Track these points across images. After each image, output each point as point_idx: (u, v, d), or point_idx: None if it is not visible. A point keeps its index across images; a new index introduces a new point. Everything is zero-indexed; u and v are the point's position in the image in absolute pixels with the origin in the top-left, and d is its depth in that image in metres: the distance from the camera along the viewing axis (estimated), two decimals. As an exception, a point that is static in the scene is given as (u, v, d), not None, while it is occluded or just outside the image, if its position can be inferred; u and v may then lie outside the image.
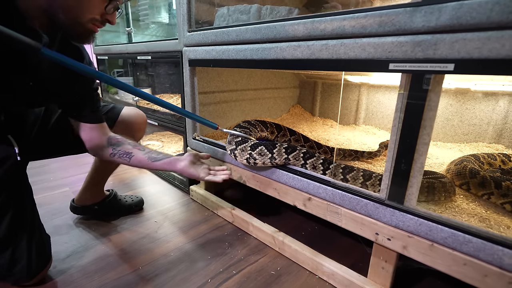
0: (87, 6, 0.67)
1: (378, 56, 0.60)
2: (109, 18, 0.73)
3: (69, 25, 0.68)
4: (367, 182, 0.79)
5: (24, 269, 0.74)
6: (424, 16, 0.53)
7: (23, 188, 0.78)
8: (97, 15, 0.70)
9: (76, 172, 1.62)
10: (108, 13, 0.71)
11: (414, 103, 0.58)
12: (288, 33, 0.76)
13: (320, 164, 0.85)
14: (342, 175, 0.82)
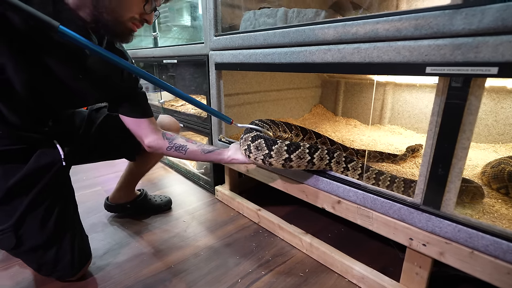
0: (127, 5, 0.71)
1: (414, 60, 0.59)
2: (147, 18, 0.76)
3: (112, 24, 0.72)
4: (393, 185, 0.78)
5: (67, 265, 0.79)
6: (465, 18, 0.51)
7: (66, 191, 0.84)
8: (136, 14, 0.74)
9: (106, 172, 1.70)
10: (146, 12, 0.75)
11: (453, 107, 0.56)
12: (317, 37, 0.76)
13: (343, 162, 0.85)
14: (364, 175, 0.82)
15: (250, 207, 1.18)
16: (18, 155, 0.76)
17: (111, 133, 0.97)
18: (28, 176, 0.74)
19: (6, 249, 0.74)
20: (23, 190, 0.73)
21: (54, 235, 0.77)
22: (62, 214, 0.79)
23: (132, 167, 1.16)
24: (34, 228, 0.73)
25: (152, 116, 0.92)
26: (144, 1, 0.73)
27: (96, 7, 0.69)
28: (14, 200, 0.72)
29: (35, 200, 0.74)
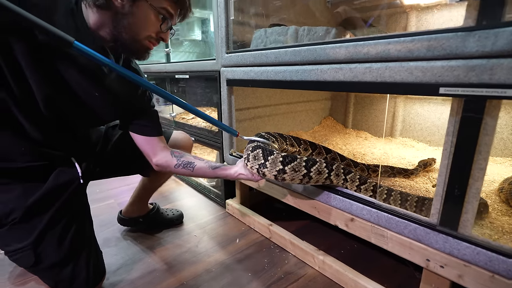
0: (145, 25, 0.75)
1: (427, 80, 0.59)
2: (163, 36, 0.80)
3: (130, 43, 0.76)
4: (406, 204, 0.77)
5: (83, 283, 0.80)
6: (478, 41, 0.52)
7: (83, 208, 0.86)
8: (152, 33, 0.77)
9: (119, 184, 1.73)
10: (162, 31, 0.78)
11: (468, 128, 0.56)
12: (329, 56, 0.77)
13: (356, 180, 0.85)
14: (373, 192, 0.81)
15: (262, 222, 1.18)
16: (38, 173, 0.78)
17: (127, 150, 0.99)
18: (47, 195, 0.76)
19: (25, 266, 0.76)
20: (42, 208, 0.75)
21: (71, 252, 0.78)
22: (78, 231, 0.81)
23: (145, 182, 1.18)
24: (52, 246, 0.75)
25: (162, 134, 0.94)
26: (161, 20, 0.76)
27: (116, 27, 0.73)
28: (33, 219, 0.74)
29: (53, 218, 0.76)
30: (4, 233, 0.73)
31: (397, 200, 0.79)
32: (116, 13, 0.72)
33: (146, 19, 0.75)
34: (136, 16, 0.73)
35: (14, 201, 0.73)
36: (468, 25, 0.53)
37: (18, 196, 0.74)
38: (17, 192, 0.74)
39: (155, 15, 0.75)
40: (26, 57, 0.67)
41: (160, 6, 0.74)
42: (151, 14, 0.74)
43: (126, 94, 0.85)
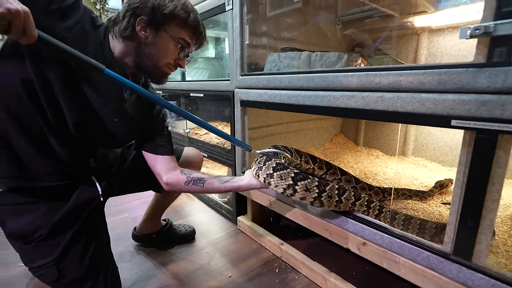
0: (165, 53, 0.82)
1: (438, 112, 0.61)
2: (180, 63, 0.86)
3: (151, 69, 0.83)
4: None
5: None
6: (489, 77, 0.53)
7: (102, 225, 0.89)
8: (171, 60, 0.84)
9: (133, 198, 1.77)
10: (180, 59, 0.85)
11: (481, 160, 0.57)
12: (341, 84, 0.80)
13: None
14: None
15: (273, 240, 1.18)
16: (62, 191, 0.83)
17: (141, 169, 1.02)
18: (70, 212, 0.80)
19: (48, 282, 0.79)
20: (66, 225, 0.79)
21: (91, 268, 0.81)
22: (97, 247, 0.84)
23: (158, 198, 1.21)
24: (74, 262, 0.78)
25: (173, 154, 0.97)
26: (179, 49, 0.83)
27: (139, 55, 0.80)
28: (58, 236, 0.78)
29: (76, 234, 0.80)
30: (29, 250, 0.77)
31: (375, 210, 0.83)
32: (139, 43, 0.79)
33: (166, 48, 0.81)
34: (157, 46, 0.80)
35: (40, 219, 0.77)
36: (478, 61, 0.55)
37: (44, 214, 0.77)
38: (42, 211, 0.78)
39: (174, 45, 0.81)
40: (59, 83, 0.72)
41: (179, 36, 0.81)
42: (170, 44, 0.81)
43: (143, 117, 0.91)
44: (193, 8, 0.82)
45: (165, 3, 0.76)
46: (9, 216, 0.76)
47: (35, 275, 0.78)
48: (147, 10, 0.76)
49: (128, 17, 0.76)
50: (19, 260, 1.13)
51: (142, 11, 0.76)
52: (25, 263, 0.79)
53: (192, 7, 0.82)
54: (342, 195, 0.83)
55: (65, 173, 0.82)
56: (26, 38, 0.55)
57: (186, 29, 0.82)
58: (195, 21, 0.82)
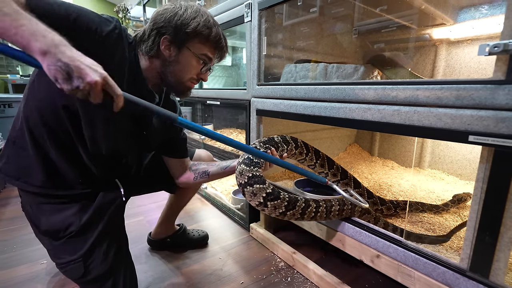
0: (188, 69, 0.84)
1: (456, 127, 0.61)
2: (202, 77, 0.89)
3: (175, 85, 0.86)
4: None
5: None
6: (508, 94, 0.53)
7: (122, 225, 0.93)
8: (194, 75, 0.87)
9: (148, 202, 1.82)
10: (202, 73, 0.88)
11: (499, 176, 0.57)
12: (357, 96, 0.81)
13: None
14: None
15: (285, 249, 1.19)
16: (91, 194, 0.88)
17: (157, 171, 1.09)
18: (97, 211, 0.85)
19: (74, 277, 0.83)
20: (93, 223, 0.84)
21: (113, 266, 0.85)
22: (119, 246, 0.89)
23: (172, 200, 1.26)
24: (99, 259, 0.83)
25: (187, 156, 1.08)
26: (202, 65, 0.85)
27: (163, 72, 0.84)
28: (86, 233, 0.83)
29: (102, 232, 0.84)
30: (59, 246, 0.81)
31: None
32: (164, 60, 0.82)
33: (189, 65, 0.84)
34: (181, 63, 0.83)
35: (72, 217, 0.82)
36: (497, 78, 0.55)
37: (75, 213, 0.83)
38: (74, 210, 0.83)
39: (197, 61, 0.84)
40: (103, 120, 0.78)
41: (201, 52, 0.83)
42: (193, 61, 0.83)
43: (166, 129, 0.97)
44: (215, 22, 0.85)
45: (188, 22, 0.79)
46: (44, 215, 0.81)
47: (62, 271, 0.83)
48: (170, 30, 0.79)
49: (153, 37, 0.80)
50: (41, 257, 1.20)
51: (166, 30, 0.79)
52: (54, 259, 0.84)
53: (214, 21, 0.85)
54: (305, 210, 0.86)
55: (94, 182, 0.87)
56: (115, 101, 0.58)
57: (208, 45, 0.84)
58: (217, 36, 0.84)
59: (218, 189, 1.89)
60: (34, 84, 0.76)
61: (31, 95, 0.77)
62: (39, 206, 0.82)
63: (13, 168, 0.81)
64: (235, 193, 1.69)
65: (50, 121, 0.77)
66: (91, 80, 0.53)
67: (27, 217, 0.84)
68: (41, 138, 0.78)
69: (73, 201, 0.83)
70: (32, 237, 1.31)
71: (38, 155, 0.79)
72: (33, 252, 1.25)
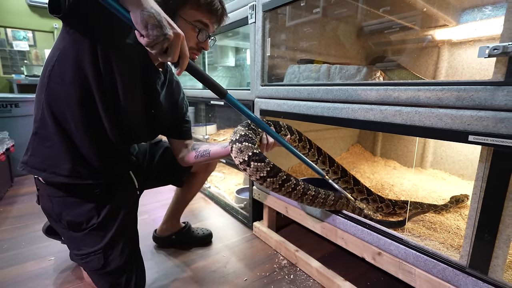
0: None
1: (456, 127, 0.63)
2: (203, 46, 0.86)
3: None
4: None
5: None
6: (507, 95, 0.55)
7: (136, 220, 0.96)
8: (193, 45, 0.84)
9: (153, 200, 1.84)
10: (201, 41, 0.84)
11: (498, 175, 0.58)
12: (360, 97, 0.82)
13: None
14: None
15: (288, 247, 1.21)
16: (110, 188, 0.89)
17: (168, 165, 1.13)
18: (116, 204, 0.88)
19: (94, 268, 0.85)
20: (113, 216, 0.87)
21: (129, 260, 0.88)
22: (134, 240, 0.92)
23: (178, 195, 1.29)
24: (118, 251, 0.86)
25: (191, 138, 1.10)
26: (196, 32, 0.83)
27: None
28: (107, 226, 0.86)
29: (120, 225, 0.87)
30: (80, 238, 0.84)
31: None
32: None
33: (185, 33, 0.78)
34: None
35: (93, 210, 0.85)
36: (497, 79, 0.57)
37: (97, 206, 0.85)
38: (96, 203, 0.86)
39: (192, 29, 0.81)
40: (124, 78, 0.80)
41: (194, 19, 0.81)
42: (188, 29, 0.80)
43: (173, 112, 1.01)
44: None
45: None
46: (68, 207, 0.84)
47: (81, 262, 0.86)
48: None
49: None
50: (49, 254, 1.23)
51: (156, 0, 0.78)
52: (73, 250, 0.87)
53: None
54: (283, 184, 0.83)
55: (114, 170, 0.89)
56: (182, 61, 0.64)
57: (201, 10, 0.81)
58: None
59: (222, 188, 1.91)
60: (55, 70, 0.75)
61: (52, 81, 0.76)
62: (62, 199, 0.84)
63: (39, 159, 0.80)
64: (239, 192, 1.71)
65: (76, 99, 0.76)
66: (177, 32, 0.59)
67: (44, 209, 0.87)
68: (66, 122, 0.78)
69: (94, 196, 0.86)
70: (39, 235, 1.35)
71: (63, 141, 0.78)
72: (41, 249, 1.28)
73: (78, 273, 1.11)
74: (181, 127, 1.07)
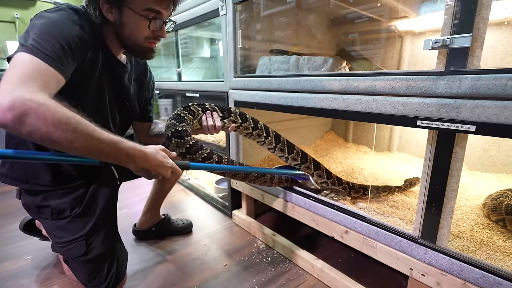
0: (138, 29, 0.81)
1: (407, 113, 0.69)
2: (159, 34, 0.84)
3: (133, 48, 0.85)
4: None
5: (113, 278, 0.91)
6: (447, 84, 0.62)
7: (115, 210, 0.98)
8: (149, 34, 0.82)
9: (131, 195, 1.84)
10: (155, 30, 0.83)
11: (442, 155, 0.66)
12: (325, 87, 0.87)
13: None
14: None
15: (266, 232, 1.27)
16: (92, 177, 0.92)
17: None
18: (97, 192, 0.90)
19: (75, 255, 0.87)
20: (94, 204, 0.89)
21: (110, 248, 0.91)
22: (114, 229, 0.95)
23: (156, 186, 1.31)
24: (99, 239, 0.88)
25: (153, 121, 1.18)
26: (148, 22, 0.80)
27: (119, 37, 0.83)
28: (89, 213, 0.88)
29: (102, 214, 0.89)
30: (62, 226, 0.86)
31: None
32: (113, 25, 0.81)
33: (136, 24, 0.79)
34: (128, 24, 0.79)
35: (77, 199, 0.87)
36: (439, 69, 0.63)
37: (80, 195, 0.88)
38: (79, 193, 0.88)
39: (143, 19, 0.78)
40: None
41: (143, 8, 0.77)
42: (138, 19, 0.78)
43: (141, 92, 1.07)
44: None
45: None
46: (53, 198, 0.86)
47: (62, 250, 0.87)
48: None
49: (93, 3, 0.76)
50: (25, 254, 1.22)
51: None
52: (55, 239, 0.88)
53: None
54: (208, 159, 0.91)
55: (93, 171, 0.91)
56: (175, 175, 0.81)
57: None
58: None
59: (201, 179, 1.94)
60: None
61: None
62: (47, 194, 0.86)
63: (19, 172, 0.84)
64: (218, 183, 1.75)
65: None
66: (165, 175, 0.76)
67: (25, 204, 0.89)
68: None
69: (77, 188, 0.88)
70: (15, 234, 1.33)
71: None
72: (17, 249, 1.26)
73: (59, 269, 1.11)
74: (146, 110, 1.10)
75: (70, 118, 0.57)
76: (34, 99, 0.54)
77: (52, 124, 0.55)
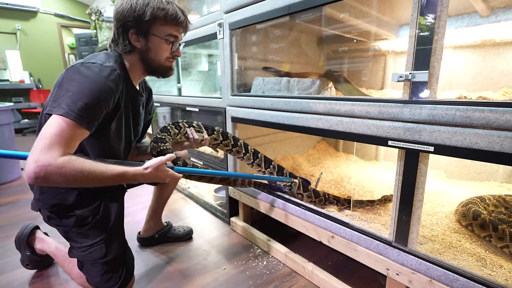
0: (161, 52, 0.97)
1: (380, 134, 0.81)
2: (176, 54, 1.02)
3: (157, 68, 1.00)
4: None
5: (126, 279, 1.01)
6: (410, 111, 0.73)
7: (123, 215, 1.08)
8: (168, 55, 0.99)
9: (134, 203, 1.93)
10: (174, 51, 1.00)
11: (409, 171, 0.77)
12: (311, 108, 0.99)
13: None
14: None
15: (261, 237, 1.37)
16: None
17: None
18: (111, 198, 1.00)
19: (96, 258, 0.96)
20: (110, 209, 0.99)
21: (123, 249, 1.02)
22: (124, 232, 1.05)
23: (156, 193, 1.41)
24: (116, 242, 0.99)
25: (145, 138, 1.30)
26: (170, 45, 0.98)
27: (144, 61, 0.98)
28: (106, 218, 0.98)
29: (116, 218, 1.00)
30: (83, 232, 0.96)
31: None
32: (140, 52, 0.96)
33: (160, 48, 0.96)
34: (154, 49, 0.95)
35: (97, 208, 0.97)
36: (404, 99, 0.75)
37: (100, 202, 0.98)
38: (98, 202, 0.98)
39: (166, 42, 0.96)
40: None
41: (166, 34, 0.95)
42: (162, 43, 0.95)
43: (147, 114, 1.20)
44: (168, 0, 0.93)
45: (144, 10, 0.89)
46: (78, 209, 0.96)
47: (83, 254, 0.97)
48: (132, 23, 0.90)
49: (121, 34, 0.92)
50: (21, 266, 1.26)
51: (129, 24, 0.90)
52: (76, 244, 0.97)
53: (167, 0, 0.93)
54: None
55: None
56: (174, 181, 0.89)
57: (169, 24, 0.94)
58: (173, 14, 0.93)
59: (201, 188, 2.04)
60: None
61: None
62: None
63: (49, 196, 0.94)
64: (217, 191, 1.85)
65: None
66: (165, 181, 0.89)
67: (47, 218, 0.97)
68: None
69: (96, 195, 0.99)
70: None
71: None
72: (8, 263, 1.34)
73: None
74: (143, 131, 1.21)
75: (84, 171, 0.73)
76: (55, 164, 0.69)
77: (71, 180, 0.72)
